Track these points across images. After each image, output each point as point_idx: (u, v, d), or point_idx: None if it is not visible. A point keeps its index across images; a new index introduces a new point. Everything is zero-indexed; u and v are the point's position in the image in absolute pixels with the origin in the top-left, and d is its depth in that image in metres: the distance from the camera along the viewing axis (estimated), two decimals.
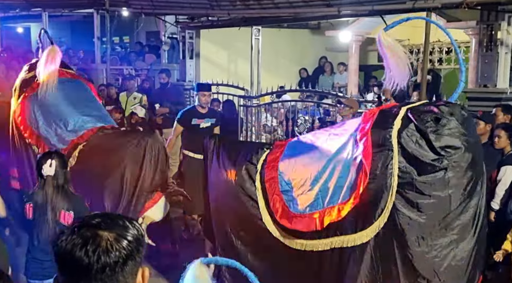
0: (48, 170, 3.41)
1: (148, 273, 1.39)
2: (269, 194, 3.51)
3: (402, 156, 3.10)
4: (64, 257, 1.29)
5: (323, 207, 3.27)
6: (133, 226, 1.35)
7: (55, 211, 3.40)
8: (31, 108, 5.27)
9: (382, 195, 3.08)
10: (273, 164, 3.61)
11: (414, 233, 3.05)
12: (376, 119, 3.31)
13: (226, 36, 11.44)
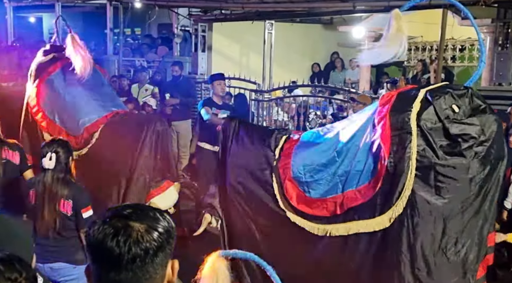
0: (48, 163, 3.43)
1: (177, 265, 1.40)
2: (282, 180, 3.51)
3: (422, 139, 3.06)
4: (95, 247, 1.30)
5: (342, 191, 3.26)
6: (163, 218, 1.36)
7: (55, 201, 3.43)
8: (45, 92, 5.29)
9: (400, 179, 3.04)
10: (288, 151, 3.62)
11: (433, 217, 3.02)
12: (394, 102, 3.25)
13: (238, 29, 11.42)
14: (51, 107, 5.21)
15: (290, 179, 3.49)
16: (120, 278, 1.29)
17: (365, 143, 3.29)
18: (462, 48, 10.35)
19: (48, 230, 3.42)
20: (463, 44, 10.23)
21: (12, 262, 1.32)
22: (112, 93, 5.72)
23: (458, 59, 10.50)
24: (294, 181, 3.47)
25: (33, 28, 18.00)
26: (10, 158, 4.16)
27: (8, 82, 9.03)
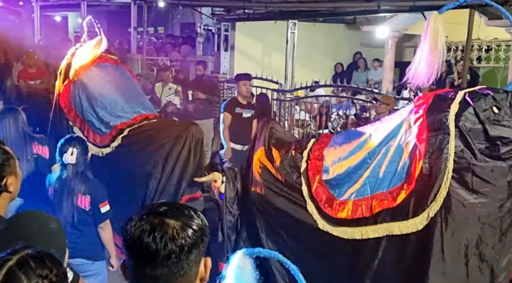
0: (70, 158, 3.49)
1: (210, 263, 1.42)
2: (312, 182, 3.44)
3: (460, 140, 2.98)
4: (132, 242, 1.33)
5: (371, 193, 3.18)
6: (197, 216, 1.38)
7: (73, 196, 3.49)
8: (76, 91, 5.33)
9: (435, 180, 2.95)
10: (318, 153, 3.56)
11: (469, 221, 2.93)
12: (431, 103, 3.17)
13: (261, 29, 11.42)
14: (81, 107, 5.26)
15: (321, 181, 3.42)
16: (155, 274, 1.31)
17: (399, 144, 3.22)
18: (488, 49, 10.19)
19: (66, 226, 3.43)
20: (489, 45, 10.07)
21: (43, 259, 1.33)
22: (141, 94, 5.73)
23: (484, 60, 10.34)
24: (324, 184, 3.41)
25: (58, 27, 18.28)
26: (41, 152, 4.24)
27: (35, 80, 9.21)
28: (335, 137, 3.71)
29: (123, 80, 5.52)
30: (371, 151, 3.32)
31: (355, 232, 3.19)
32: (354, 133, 3.62)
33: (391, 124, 3.39)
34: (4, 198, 1.99)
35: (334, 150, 3.53)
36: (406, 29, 10.93)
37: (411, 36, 12.18)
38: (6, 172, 1.98)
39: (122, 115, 5.17)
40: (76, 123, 5.26)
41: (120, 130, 5.04)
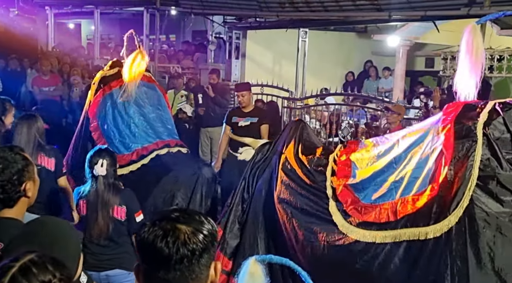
0: (100, 170, 3.49)
1: (220, 266, 1.46)
2: (337, 186, 3.51)
3: (487, 148, 2.99)
4: (146, 247, 1.38)
5: (395, 198, 3.19)
6: (208, 222, 1.43)
7: (108, 208, 3.48)
8: (104, 105, 5.36)
9: (460, 187, 2.95)
10: (346, 159, 3.64)
11: (492, 229, 2.89)
12: (460, 112, 3.20)
13: (272, 37, 11.48)
14: (105, 121, 5.29)
15: (346, 185, 3.49)
16: (168, 277, 1.36)
17: (425, 150, 3.24)
18: (500, 58, 10.14)
19: (101, 237, 3.47)
20: (501, 54, 10.02)
21: (45, 264, 1.34)
22: (168, 118, 5.69)
23: (496, 70, 10.28)
24: (350, 188, 3.47)
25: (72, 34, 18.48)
26: (45, 164, 4.17)
27: (49, 87, 9.32)
28: (362, 144, 3.78)
29: (152, 100, 5.53)
30: (398, 156, 3.37)
31: (375, 236, 3.18)
32: (382, 139, 3.69)
33: (419, 131, 3.43)
34: (23, 203, 2.03)
35: (362, 156, 3.60)
36: (417, 38, 10.93)
37: (422, 45, 12.18)
38: (26, 178, 2.02)
39: (144, 138, 5.21)
40: (94, 135, 5.28)
41: (142, 156, 5.08)
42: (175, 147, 5.31)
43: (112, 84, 5.45)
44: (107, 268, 3.46)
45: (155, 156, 5.11)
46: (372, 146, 3.66)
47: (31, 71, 10.14)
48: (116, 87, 5.42)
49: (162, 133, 5.37)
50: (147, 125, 5.33)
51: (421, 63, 13.04)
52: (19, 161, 2.02)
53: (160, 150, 5.17)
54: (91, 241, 3.49)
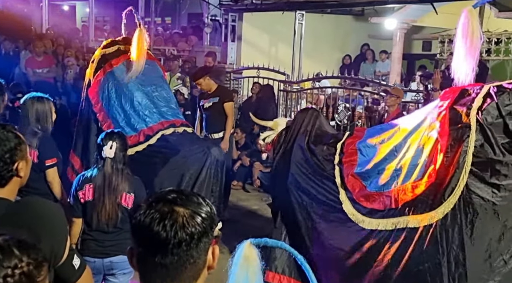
0: (109, 152, 3.36)
1: (218, 251, 1.41)
2: (345, 174, 3.56)
3: (480, 134, 2.99)
4: (141, 231, 1.32)
5: (397, 185, 3.24)
6: (206, 204, 1.37)
7: (116, 193, 3.37)
8: (106, 84, 5.24)
9: (454, 174, 2.96)
10: (352, 147, 3.67)
11: (488, 215, 2.91)
12: (456, 97, 3.20)
13: (268, 20, 11.38)
14: (108, 101, 5.18)
15: (353, 174, 3.52)
16: (165, 262, 1.30)
17: (423, 137, 3.26)
18: (498, 41, 10.08)
19: (108, 224, 3.36)
20: (499, 37, 9.96)
21: (10, 248, 1.22)
22: (170, 96, 5.61)
23: (494, 53, 10.23)
24: (357, 176, 3.51)
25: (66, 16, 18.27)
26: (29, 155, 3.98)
27: (42, 68, 9.24)
28: (369, 131, 3.82)
29: (154, 78, 5.43)
30: (398, 144, 3.38)
31: (379, 224, 3.25)
32: (387, 127, 3.72)
33: (417, 118, 3.43)
34: (14, 183, 1.98)
35: (368, 144, 3.63)
36: (415, 21, 10.85)
37: (420, 28, 12.10)
38: (18, 157, 1.97)
39: (150, 117, 5.12)
40: (99, 115, 5.15)
41: (148, 136, 5.00)
42: (180, 126, 5.22)
43: (112, 62, 5.32)
44: (110, 255, 3.38)
45: (161, 136, 5.02)
46: (376, 133, 3.69)
47: (25, 53, 10.03)
48: (117, 65, 5.31)
49: (166, 112, 5.28)
50: (151, 104, 5.22)
51: (418, 46, 12.98)
52: (11, 139, 1.97)
53: (166, 130, 5.08)
54: (96, 228, 3.38)
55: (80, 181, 3.44)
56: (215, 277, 1.61)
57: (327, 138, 3.94)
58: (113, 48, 5.45)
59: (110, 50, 5.44)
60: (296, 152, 3.96)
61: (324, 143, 3.87)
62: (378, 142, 3.57)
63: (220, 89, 6.71)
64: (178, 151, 4.90)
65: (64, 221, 1.96)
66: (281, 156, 4.14)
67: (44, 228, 1.84)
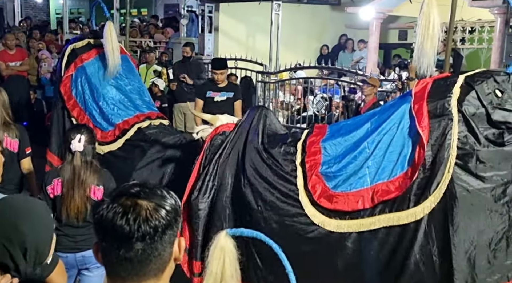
0: (77, 145, 3.34)
1: (184, 243, 1.41)
2: (308, 175, 3.32)
3: (463, 125, 2.93)
4: (105, 225, 1.31)
5: (371, 183, 3.08)
6: (170, 196, 1.37)
7: (85, 186, 3.35)
8: (78, 80, 5.18)
9: (439, 168, 2.89)
10: (314, 146, 3.43)
11: (474, 207, 2.86)
12: (430, 89, 3.12)
13: (245, 10, 11.34)
14: (83, 96, 5.11)
15: (317, 174, 3.29)
16: (130, 256, 1.30)
17: (400, 132, 3.14)
18: (472, 30, 10.22)
19: (78, 218, 3.35)
20: (472, 26, 10.10)
21: None
22: (144, 89, 5.56)
23: (468, 41, 10.38)
24: (321, 176, 3.28)
25: (40, 8, 17.95)
26: (8, 146, 3.96)
27: (15, 62, 9.06)
28: (332, 127, 3.61)
29: (127, 71, 5.36)
30: (370, 139, 3.22)
31: (351, 225, 3.06)
32: (354, 123, 3.51)
33: (390, 111, 3.30)
34: None
35: (332, 141, 3.42)
36: (391, 10, 10.92)
37: (396, 18, 12.18)
38: None
39: (125, 111, 5.06)
40: (73, 112, 5.09)
41: (124, 130, 4.94)
42: (156, 119, 5.17)
43: (83, 57, 5.25)
44: (82, 249, 3.37)
45: (137, 130, 4.97)
46: (342, 130, 3.48)
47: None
48: (88, 60, 5.24)
49: (141, 105, 5.23)
50: (125, 98, 5.18)
51: (395, 35, 13.07)
52: None
53: (142, 123, 5.03)
54: (66, 222, 3.36)
55: (49, 176, 3.42)
56: None
57: (284, 137, 3.66)
58: (83, 42, 5.38)
59: (79, 44, 5.37)
60: (250, 153, 3.62)
61: (282, 143, 3.58)
62: (345, 139, 3.38)
63: (232, 85, 6.67)
64: (156, 144, 4.86)
65: (49, 220, 1.93)
66: (228, 156, 3.72)
67: (29, 228, 1.81)
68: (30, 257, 1.79)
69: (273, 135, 3.71)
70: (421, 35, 3.39)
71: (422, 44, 3.38)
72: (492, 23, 8.57)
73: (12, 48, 9.03)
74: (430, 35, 3.35)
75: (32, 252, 1.79)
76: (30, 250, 1.78)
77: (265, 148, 3.59)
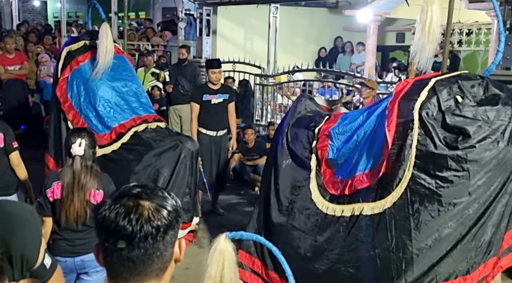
0: (77, 149, 3.32)
1: (184, 244, 1.42)
2: (320, 160, 3.70)
3: (421, 128, 3.13)
4: (107, 226, 1.32)
5: (355, 173, 3.38)
6: (171, 197, 1.38)
7: (84, 190, 3.33)
8: (74, 82, 5.14)
9: (400, 166, 3.13)
10: (326, 133, 3.76)
11: (432, 204, 3.07)
12: (407, 90, 3.33)
13: (243, 13, 11.36)
14: (78, 99, 5.08)
15: (326, 160, 3.66)
16: (132, 256, 1.32)
17: (378, 128, 3.37)
18: (469, 32, 10.25)
19: (77, 222, 3.33)
20: (470, 28, 10.14)
21: None
22: (141, 91, 5.52)
23: (465, 43, 10.42)
24: (329, 163, 3.64)
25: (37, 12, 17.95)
26: None
27: (14, 66, 9.07)
28: (342, 117, 3.89)
29: (123, 73, 5.32)
30: (359, 132, 3.53)
31: (336, 208, 3.43)
32: (354, 115, 3.82)
33: (376, 107, 3.56)
34: None
35: (339, 130, 3.73)
36: (388, 13, 10.95)
37: (393, 20, 12.21)
38: None
39: (121, 114, 5.03)
40: (68, 114, 5.06)
41: (120, 134, 4.92)
42: (153, 122, 5.15)
43: (79, 59, 5.21)
44: (81, 253, 3.35)
45: (134, 133, 4.95)
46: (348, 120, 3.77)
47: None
48: (84, 62, 5.21)
49: (138, 108, 5.20)
50: (122, 100, 5.14)
51: (392, 38, 13.10)
52: None
53: (139, 127, 5.00)
54: (65, 226, 3.35)
55: (49, 180, 3.40)
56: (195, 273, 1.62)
57: (310, 121, 3.99)
58: (79, 44, 5.34)
59: (75, 46, 5.33)
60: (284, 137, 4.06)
61: (306, 127, 3.95)
62: (345, 129, 3.68)
63: (226, 86, 6.69)
64: (152, 147, 4.86)
65: (36, 225, 1.89)
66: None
67: (11, 234, 1.78)
68: (16, 264, 1.77)
69: (303, 118, 4.08)
70: (420, 31, 3.46)
71: (420, 40, 3.45)
72: (489, 25, 8.59)
73: (11, 52, 9.03)
74: (429, 31, 3.42)
75: (18, 259, 1.77)
76: (16, 257, 1.76)
77: (293, 131, 4.00)
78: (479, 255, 3.07)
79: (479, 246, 3.06)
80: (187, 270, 4.35)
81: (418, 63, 3.54)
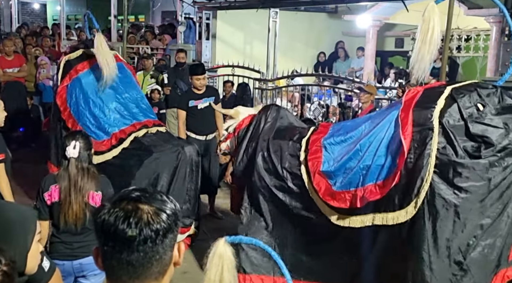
0: (72, 152, 3.32)
1: (183, 247, 1.43)
2: (311, 172, 3.58)
3: (443, 136, 3.06)
4: (106, 229, 1.32)
5: (363, 185, 3.29)
6: (170, 201, 1.39)
7: (82, 193, 3.33)
8: (72, 90, 5.17)
9: (419, 175, 3.05)
10: (316, 144, 3.68)
11: (449, 215, 3.01)
12: (419, 98, 3.27)
13: (242, 17, 11.37)
14: (77, 107, 5.10)
15: (320, 172, 3.54)
16: (131, 259, 1.32)
17: (387, 138, 3.29)
18: (468, 38, 10.27)
19: (76, 224, 3.31)
20: (468, 34, 10.16)
21: None
22: (141, 97, 5.53)
23: (464, 49, 10.44)
24: (323, 174, 3.53)
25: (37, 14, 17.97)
26: None
27: (13, 68, 9.06)
28: (334, 127, 3.84)
29: (123, 80, 5.33)
30: (362, 142, 3.42)
31: (346, 220, 3.36)
32: (352, 125, 3.74)
33: (381, 117, 3.48)
34: None
35: (332, 141, 3.66)
36: (387, 18, 10.98)
37: (392, 25, 12.24)
38: None
39: (121, 120, 5.04)
40: (68, 123, 5.08)
41: (120, 140, 4.93)
42: (153, 127, 5.16)
43: (78, 68, 5.26)
44: (79, 256, 3.33)
45: (134, 139, 4.96)
46: (344, 131, 3.70)
47: None
48: (83, 71, 5.24)
49: (138, 113, 5.21)
50: (121, 106, 5.16)
51: (391, 43, 13.13)
52: None
53: (139, 132, 5.02)
54: (64, 229, 3.33)
55: (45, 183, 3.39)
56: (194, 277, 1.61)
57: (292, 133, 3.95)
58: (77, 52, 5.40)
59: (74, 55, 5.39)
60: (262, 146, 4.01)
61: (289, 139, 3.88)
62: (342, 139, 3.60)
63: (211, 88, 6.62)
64: (152, 153, 4.85)
65: (24, 228, 1.85)
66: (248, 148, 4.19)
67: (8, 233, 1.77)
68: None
69: (284, 130, 4.00)
70: (420, 40, 3.45)
71: (420, 49, 3.44)
72: (488, 31, 8.62)
73: (10, 54, 9.03)
74: (429, 41, 3.41)
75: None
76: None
77: (274, 142, 3.94)
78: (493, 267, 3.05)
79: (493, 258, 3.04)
80: (186, 274, 4.34)
81: (416, 73, 3.53)
